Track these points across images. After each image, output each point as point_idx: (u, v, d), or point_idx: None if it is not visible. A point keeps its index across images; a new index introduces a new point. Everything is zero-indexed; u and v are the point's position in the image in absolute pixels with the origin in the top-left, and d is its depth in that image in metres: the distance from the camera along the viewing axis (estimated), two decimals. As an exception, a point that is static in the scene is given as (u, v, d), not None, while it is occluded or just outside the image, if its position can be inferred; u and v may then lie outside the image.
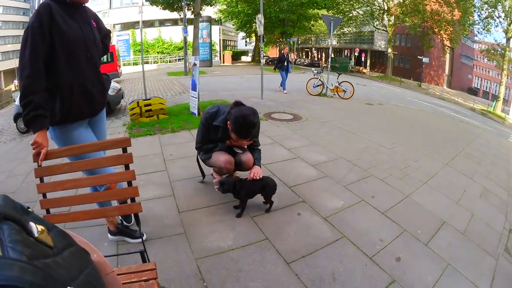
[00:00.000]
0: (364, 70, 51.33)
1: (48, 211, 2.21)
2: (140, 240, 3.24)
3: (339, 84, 14.34)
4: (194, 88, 8.87)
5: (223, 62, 48.73)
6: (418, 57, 41.60)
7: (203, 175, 4.54)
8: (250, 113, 3.53)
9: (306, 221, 3.73)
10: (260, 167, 3.86)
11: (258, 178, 3.72)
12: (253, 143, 3.93)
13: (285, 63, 15.23)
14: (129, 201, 2.29)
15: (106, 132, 3.19)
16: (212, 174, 4.44)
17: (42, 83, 2.32)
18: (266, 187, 3.78)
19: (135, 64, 37.52)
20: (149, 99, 9.03)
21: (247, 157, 3.92)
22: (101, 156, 2.46)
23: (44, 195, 2.20)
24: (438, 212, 4.15)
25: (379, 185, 4.75)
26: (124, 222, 3.55)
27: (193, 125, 7.72)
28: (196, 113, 8.85)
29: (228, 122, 3.58)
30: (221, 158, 3.85)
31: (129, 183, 2.18)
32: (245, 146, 4.01)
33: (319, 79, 14.83)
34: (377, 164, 5.61)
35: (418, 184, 4.94)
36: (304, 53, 74.87)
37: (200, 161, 4.38)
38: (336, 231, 3.53)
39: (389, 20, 42.89)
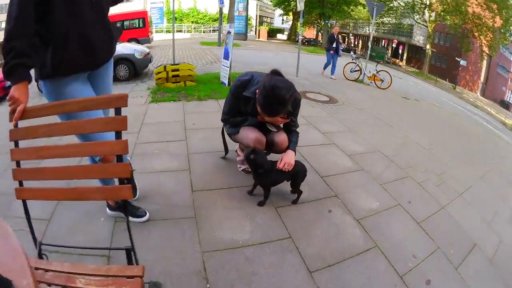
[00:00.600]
0: (400, 63, 49.87)
1: (21, 184, 1.76)
2: (142, 219, 2.84)
3: (377, 72, 13.78)
4: (226, 56, 8.42)
5: (258, 38, 48.14)
6: (456, 58, 40.00)
7: (226, 150, 4.03)
8: (283, 86, 2.86)
9: (337, 220, 3.18)
10: (295, 152, 3.25)
11: (287, 170, 3.12)
12: (290, 122, 3.31)
13: (334, 45, 13.53)
14: (116, 181, 1.74)
15: (112, 89, 2.65)
16: (236, 151, 3.90)
17: (29, 28, 1.87)
18: (295, 175, 3.21)
19: (168, 31, 37.04)
20: (177, 64, 8.62)
21: (282, 138, 3.31)
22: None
23: (18, 163, 1.75)
24: (470, 232, 3.63)
25: (417, 189, 4.22)
26: None
27: (222, 95, 7.28)
28: (226, 83, 8.43)
29: (257, 91, 2.99)
30: (250, 135, 3.26)
31: (119, 158, 1.63)
32: (281, 125, 3.42)
33: (357, 64, 14.34)
34: (414, 164, 5.06)
35: (453, 195, 4.42)
36: (340, 38, 73.21)
37: (225, 134, 3.83)
38: (369, 239, 2.99)
39: (430, 16, 41.82)
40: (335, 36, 13.84)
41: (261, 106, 2.93)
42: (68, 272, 1.57)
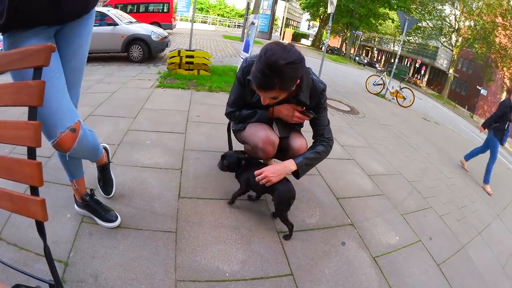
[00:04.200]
0: (421, 84, 49.48)
1: None
2: (111, 224, 2.33)
3: (401, 89, 13.30)
4: (246, 49, 7.86)
5: (283, 39, 48.06)
6: (477, 87, 39.65)
7: (231, 148, 3.29)
8: (280, 51, 2.04)
9: (351, 257, 2.59)
10: (298, 168, 2.52)
11: (263, 183, 2.43)
12: (317, 125, 2.63)
13: (506, 125, 7.04)
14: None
15: (85, 59, 2.02)
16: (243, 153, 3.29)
17: None
18: (275, 191, 2.51)
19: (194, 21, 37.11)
20: (193, 51, 8.15)
21: (300, 143, 2.66)
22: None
23: None
24: (487, 276, 3.17)
25: (438, 224, 3.72)
26: (101, 192, 2.64)
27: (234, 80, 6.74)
28: (243, 77, 7.80)
29: None
30: (260, 133, 2.59)
31: (30, 153, 1.03)
32: (299, 128, 2.81)
33: (381, 78, 13.86)
34: (437, 194, 4.55)
35: (473, 233, 3.96)
36: (364, 51, 73.18)
37: (231, 131, 3.16)
38: (385, 283, 2.42)
39: (456, 41, 41.56)
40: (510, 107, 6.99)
41: (252, 74, 2.20)
42: None
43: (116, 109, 4.74)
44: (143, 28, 10.45)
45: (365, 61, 53.79)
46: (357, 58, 49.42)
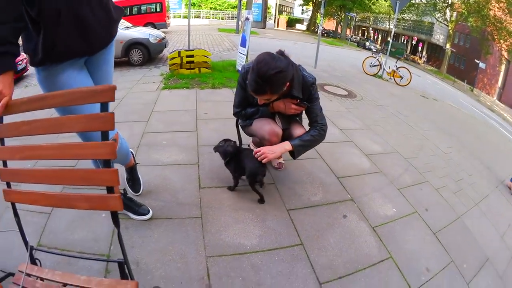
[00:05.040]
0: (419, 61, 49.06)
1: (8, 185, 1.60)
2: (144, 217, 2.66)
3: (397, 68, 13.37)
4: (243, 44, 8.19)
5: (277, 27, 47.94)
6: (475, 60, 39.03)
7: (240, 143, 3.59)
8: (270, 62, 2.52)
9: (352, 227, 2.96)
10: (293, 149, 2.92)
11: (260, 159, 2.84)
12: (311, 112, 3.00)
13: None
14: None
15: (112, 78, 2.41)
16: (249, 145, 3.68)
17: (14, 10, 1.62)
18: (247, 169, 2.96)
19: (186, 17, 36.85)
20: (192, 50, 8.42)
21: (300, 132, 3.04)
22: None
23: (5, 164, 1.59)
24: (484, 245, 3.40)
25: (434, 196, 3.98)
26: (130, 191, 2.94)
27: (236, 84, 6.98)
28: (242, 71, 8.11)
29: None
30: (265, 126, 3.01)
31: (106, 163, 1.39)
32: (297, 118, 3.18)
33: (377, 59, 13.92)
34: (433, 168, 4.81)
35: (470, 204, 4.18)
36: (360, 32, 72.48)
37: (240, 126, 3.55)
38: (384, 249, 2.77)
39: (451, 15, 41.39)
40: None
41: (248, 82, 2.67)
42: (59, 282, 1.47)
43: (128, 114, 5.02)
44: (141, 32, 10.66)
45: (358, 38, 53.31)
46: (353, 39, 49.16)
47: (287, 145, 2.89)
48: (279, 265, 2.38)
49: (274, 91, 2.62)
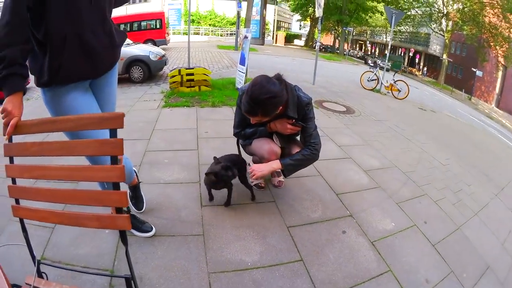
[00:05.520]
0: (417, 73, 49.35)
1: (17, 201, 1.67)
2: (147, 234, 2.72)
3: (395, 82, 13.49)
4: (242, 62, 8.31)
5: (276, 43, 48.12)
6: (472, 69, 39.45)
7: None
8: (264, 84, 2.68)
9: (351, 243, 3.01)
10: (283, 167, 3.02)
11: (252, 176, 3.01)
12: (305, 132, 3.09)
13: None
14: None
15: (115, 100, 2.52)
16: (249, 164, 3.75)
17: (23, 33, 1.71)
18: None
19: (185, 34, 37.15)
20: (192, 68, 8.54)
21: (298, 151, 3.14)
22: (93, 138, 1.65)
23: (14, 181, 1.65)
24: (484, 253, 3.44)
25: (433, 209, 4.03)
26: (133, 209, 3.00)
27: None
28: (241, 89, 8.19)
29: None
30: (264, 146, 3.12)
31: (116, 186, 1.46)
32: (298, 137, 3.28)
33: (375, 74, 13.99)
34: (432, 181, 4.86)
35: (469, 215, 4.22)
36: (358, 46, 72.99)
37: (240, 145, 3.66)
38: (383, 263, 2.82)
39: (447, 25, 41.66)
40: None
41: (242, 102, 2.81)
42: None
43: (130, 132, 5.08)
44: (141, 49, 10.80)
45: (358, 55, 53.46)
46: (351, 53, 49.37)
47: (275, 164, 3.01)
48: (280, 280, 2.43)
49: (265, 113, 2.76)
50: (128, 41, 11.90)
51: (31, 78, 1.96)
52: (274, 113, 2.79)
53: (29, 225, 2.55)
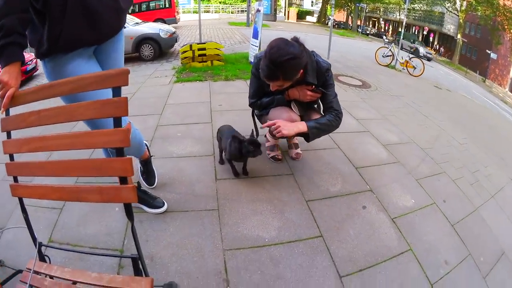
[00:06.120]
0: (433, 52, 48.35)
1: (15, 179, 1.57)
2: (159, 210, 2.60)
3: (410, 59, 13.25)
4: (255, 35, 8.13)
5: (288, 19, 47.72)
6: (487, 51, 38.51)
7: (257, 133, 3.51)
8: (282, 46, 2.50)
9: (371, 218, 2.86)
10: (308, 130, 2.81)
11: (275, 132, 2.74)
12: (325, 99, 2.91)
13: None
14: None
15: (123, 65, 2.33)
16: (266, 136, 3.60)
17: (21, 2, 1.59)
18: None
19: (195, 12, 36.92)
20: (204, 43, 8.37)
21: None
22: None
23: (12, 157, 1.55)
24: (500, 237, 3.29)
25: (451, 187, 3.87)
26: (145, 184, 2.89)
27: (250, 75, 6.86)
28: (255, 62, 8.02)
29: None
30: (283, 115, 2.92)
31: (119, 151, 1.30)
32: (315, 106, 3.12)
33: (390, 49, 13.77)
34: (449, 159, 4.68)
35: (487, 196, 4.06)
36: (371, 23, 71.66)
37: (255, 116, 3.50)
38: (403, 241, 2.68)
39: (461, 5, 40.55)
40: None
41: (260, 67, 2.60)
42: (69, 279, 1.41)
43: (141, 108, 5.01)
44: (151, 27, 10.68)
45: (372, 32, 52.64)
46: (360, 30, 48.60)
47: (301, 125, 2.80)
48: (299, 257, 2.31)
49: (286, 77, 2.55)
50: (137, 20, 11.80)
51: (39, 64, 1.84)
52: (295, 76, 2.58)
53: (37, 207, 2.46)
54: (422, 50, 28.54)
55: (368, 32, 47.73)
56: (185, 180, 3.07)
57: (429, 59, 16.47)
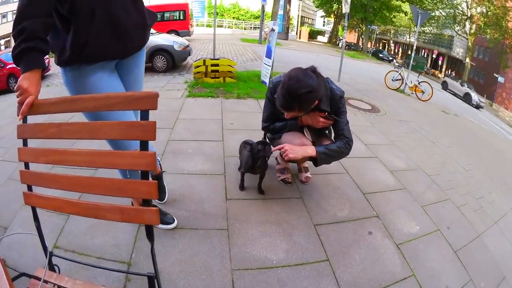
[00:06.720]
0: (439, 75, 48.23)
1: (29, 188, 1.56)
2: (169, 226, 2.64)
3: (419, 83, 13.22)
4: (268, 55, 8.18)
5: (299, 38, 48.08)
6: (494, 74, 38.48)
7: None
8: (302, 77, 2.51)
9: (377, 244, 2.90)
10: (317, 155, 2.86)
11: (283, 155, 2.82)
12: (337, 126, 2.97)
13: None
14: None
15: (142, 83, 2.41)
16: (276, 159, 3.65)
17: (47, 5, 1.57)
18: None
19: (209, 26, 37.40)
20: (217, 59, 8.45)
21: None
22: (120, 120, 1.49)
23: (27, 165, 1.54)
24: (501, 263, 3.31)
25: (455, 214, 3.90)
26: (155, 199, 2.90)
27: (261, 95, 7.03)
28: (267, 82, 8.12)
29: None
30: (295, 140, 2.96)
31: (144, 175, 1.33)
32: (326, 132, 3.16)
33: (399, 73, 13.75)
34: (455, 186, 4.70)
35: (490, 223, 4.08)
36: (381, 45, 71.92)
37: (268, 139, 3.51)
38: (407, 267, 2.71)
39: (470, 28, 40.77)
40: None
41: (277, 95, 2.64)
42: None
43: (153, 120, 5.02)
44: (165, 39, 10.80)
45: (389, 57, 52.26)
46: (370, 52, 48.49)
47: (310, 149, 2.85)
48: (305, 280, 2.34)
49: (302, 108, 2.61)
50: (152, 30, 11.91)
51: (52, 65, 1.85)
52: (310, 107, 2.65)
53: (44, 211, 2.52)
54: (475, 97, 27.26)
55: (390, 58, 47.02)
56: (195, 197, 3.11)
57: (478, 107, 16.43)
